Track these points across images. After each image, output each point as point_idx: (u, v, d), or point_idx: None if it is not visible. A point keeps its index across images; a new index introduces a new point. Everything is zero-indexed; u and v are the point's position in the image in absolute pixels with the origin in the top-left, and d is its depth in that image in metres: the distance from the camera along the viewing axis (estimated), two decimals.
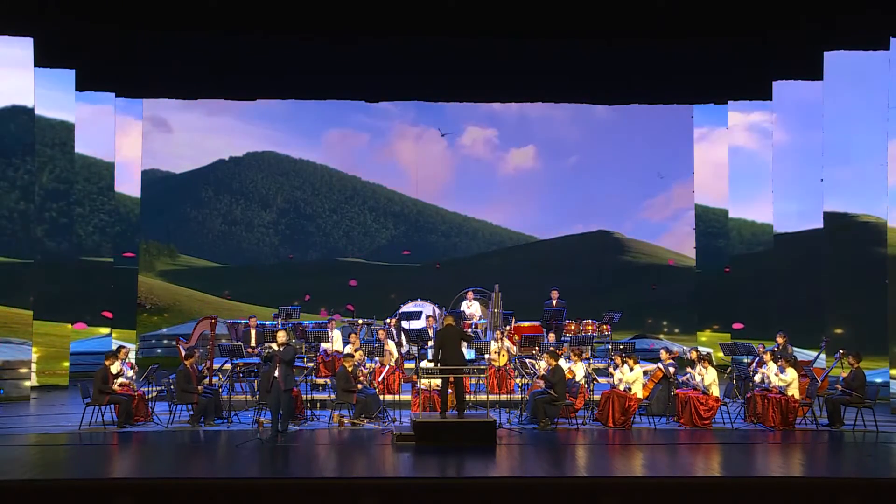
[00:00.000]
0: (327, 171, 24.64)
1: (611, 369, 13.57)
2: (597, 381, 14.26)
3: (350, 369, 13.04)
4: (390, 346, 14.98)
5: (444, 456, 10.66)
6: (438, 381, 12.81)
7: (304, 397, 13.39)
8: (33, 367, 16.43)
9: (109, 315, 18.95)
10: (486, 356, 14.55)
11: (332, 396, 13.53)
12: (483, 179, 23.49)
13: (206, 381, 13.48)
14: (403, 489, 9.24)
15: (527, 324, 17.12)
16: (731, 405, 13.20)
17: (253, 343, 15.38)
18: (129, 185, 20.21)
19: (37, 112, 16.52)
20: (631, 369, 13.02)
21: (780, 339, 14.62)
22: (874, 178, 15.89)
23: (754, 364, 13.99)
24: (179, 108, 21.36)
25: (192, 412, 12.83)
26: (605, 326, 16.96)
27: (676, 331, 21.79)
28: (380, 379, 14.03)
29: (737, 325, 19.43)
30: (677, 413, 12.96)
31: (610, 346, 15.04)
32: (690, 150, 21.40)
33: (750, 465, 10.69)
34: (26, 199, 16.61)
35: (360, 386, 13.12)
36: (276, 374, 11.75)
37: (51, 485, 9.16)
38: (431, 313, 17.11)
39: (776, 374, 12.84)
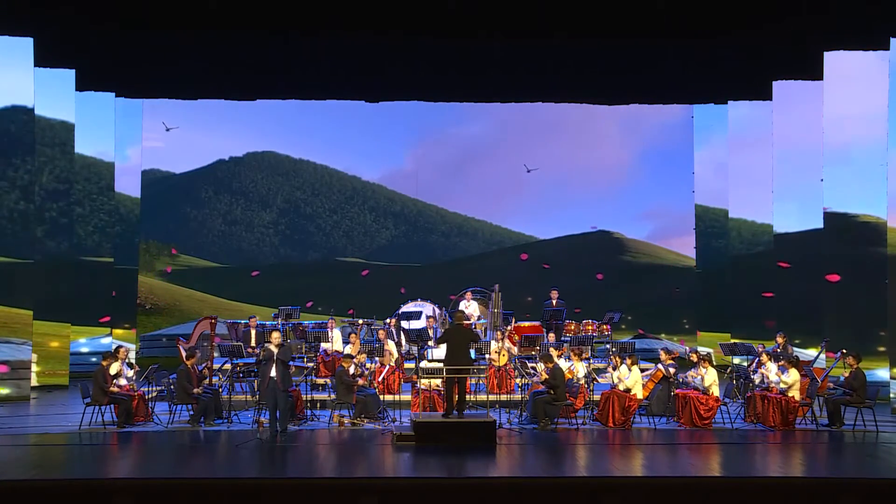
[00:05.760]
0: (327, 171, 24.66)
1: (609, 369, 13.56)
2: (597, 381, 14.26)
3: (349, 370, 13.04)
4: (390, 346, 14.98)
5: (444, 456, 10.65)
6: (438, 381, 12.80)
7: (304, 397, 13.40)
8: (33, 367, 16.43)
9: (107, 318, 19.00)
10: (486, 356, 14.56)
11: (332, 396, 13.54)
12: (483, 179, 23.52)
13: (206, 381, 13.48)
14: (403, 489, 9.25)
15: (527, 324, 17.14)
16: (731, 405, 13.20)
17: (253, 343, 15.38)
18: (129, 185, 20.22)
19: (37, 112, 16.49)
20: (629, 370, 13.00)
21: (780, 339, 14.65)
22: (874, 178, 15.89)
23: (753, 365, 14.00)
24: (179, 108, 21.34)
25: (192, 412, 12.83)
26: (605, 326, 16.97)
27: (680, 329, 21.78)
28: (380, 379, 14.03)
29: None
30: (677, 413, 12.96)
31: (610, 346, 15.04)
32: (690, 150, 21.41)
33: (750, 465, 10.69)
34: (26, 199, 16.59)
35: (360, 383, 13.12)
36: (272, 373, 11.76)
37: (51, 485, 9.16)
38: (431, 313, 17.11)
39: (776, 374, 12.84)
